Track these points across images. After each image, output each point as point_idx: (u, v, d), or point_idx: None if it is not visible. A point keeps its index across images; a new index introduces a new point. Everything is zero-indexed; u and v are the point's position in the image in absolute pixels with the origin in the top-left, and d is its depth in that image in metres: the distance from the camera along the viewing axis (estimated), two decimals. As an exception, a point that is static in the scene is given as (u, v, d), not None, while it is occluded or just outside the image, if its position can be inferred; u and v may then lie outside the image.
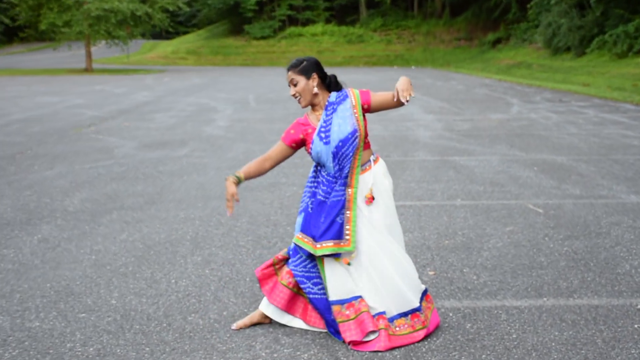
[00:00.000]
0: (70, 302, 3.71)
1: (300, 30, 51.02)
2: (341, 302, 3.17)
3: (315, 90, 3.20)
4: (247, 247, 4.73)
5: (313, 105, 3.26)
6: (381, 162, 3.29)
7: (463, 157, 8.52)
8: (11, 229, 5.18)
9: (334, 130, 3.14)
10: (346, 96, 3.21)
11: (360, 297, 3.18)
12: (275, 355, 3.09)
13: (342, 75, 3.54)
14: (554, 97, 18.23)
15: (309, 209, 3.23)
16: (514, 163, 8.03)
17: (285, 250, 3.39)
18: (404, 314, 3.19)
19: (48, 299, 3.75)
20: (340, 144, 3.12)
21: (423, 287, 3.31)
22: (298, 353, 3.11)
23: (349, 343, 3.12)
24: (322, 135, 3.16)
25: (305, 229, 3.21)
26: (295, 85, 3.19)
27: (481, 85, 23.34)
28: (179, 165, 7.91)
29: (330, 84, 3.27)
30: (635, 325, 3.38)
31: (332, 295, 3.18)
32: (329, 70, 3.31)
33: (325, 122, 3.18)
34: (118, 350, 3.14)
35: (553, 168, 7.71)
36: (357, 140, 3.14)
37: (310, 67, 3.20)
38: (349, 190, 3.16)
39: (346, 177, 3.16)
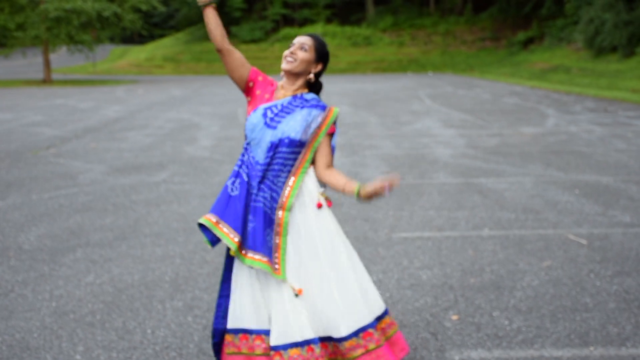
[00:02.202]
0: (26, 358, 3.71)
1: (297, 31, 51.41)
2: (235, 332, 3.18)
3: (312, 76, 3.24)
4: (237, 290, 4.73)
5: (288, 79, 3.25)
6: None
7: (490, 179, 8.55)
8: (-43, 272, 5.19)
9: (288, 122, 3.16)
10: (323, 108, 3.22)
11: (263, 332, 3.15)
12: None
13: (347, 83, 3.64)
14: (598, 106, 18.32)
15: (230, 189, 3.19)
16: (551, 185, 8.06)
17: None
18: (354, 334, 3.15)
19: None
20: (286, 140, 3.13)
21: (383, 306, 3.28)
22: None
23: None
24: (269, 113, 3.17)
25: (221, 213, 3.18)
26: (303, 51, 3.20)
27: (510, 94, 23.46)
28: (156, 193, 7.94)
29: (314, 86, 3.30)
30: (699, 378, 3.37)
31: (230, 322, 3.20)
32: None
33: (283, 106, 3.19)
34: (84, 415, 3.14)
35: (598, 191, 7.73)
36: (300, 153, 3.15)
37: (325, 57, 3.27)
38: (280, 212, 3.14)
39: (279, 190, 3.15)
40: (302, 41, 3.22)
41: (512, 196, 7.52)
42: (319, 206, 3.15)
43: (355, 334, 3.13)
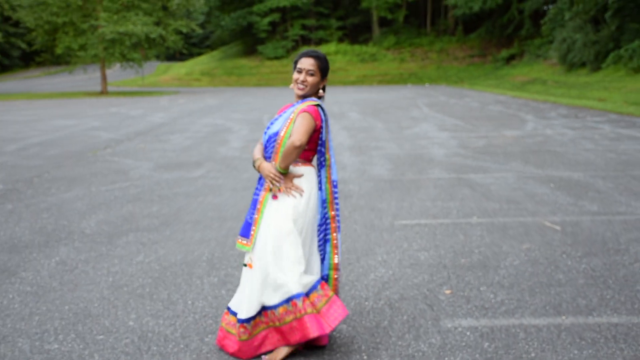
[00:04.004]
0: (88, 324, 3.75)
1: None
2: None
3: (322, 92, 3.26)
4: (263, 268, 4.74)
5: (299, 98, 3.26)
6: (305, 169, 3.20)
7: (478, 174, 8.51)
8: (29, 252, 5.24)
9: (273, 124, 3.25)
10: (297, 104, 3.22)
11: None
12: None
13: (356, 94, 3.64)
14: (570, 113, 18.17)
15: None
16: (530, 180, 8.01)
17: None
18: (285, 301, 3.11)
19: (66, 321, 3.79)
20: (268, 138, 3.23)
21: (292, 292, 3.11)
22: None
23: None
24: (270, 124, 3.29)
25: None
26: (311, 75, 3.17)
27: (495, 102, 23.32)
28: (194, 187, 7.97)
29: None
30: (656, 344, 3.35)
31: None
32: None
33: (279, 115, 3.28)
34: (136, 372, 3.16)
35: (569, 185, 7.68)
36: (276, 141, 3.17)
37: (327, 70, 3.25)
38: (262, 193, 3.19)
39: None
40: (309, 67, 3.16)
41: (496, 189, 7.49)
42: (274, 198, 3.17)
43: (286, 301, 3.08)
